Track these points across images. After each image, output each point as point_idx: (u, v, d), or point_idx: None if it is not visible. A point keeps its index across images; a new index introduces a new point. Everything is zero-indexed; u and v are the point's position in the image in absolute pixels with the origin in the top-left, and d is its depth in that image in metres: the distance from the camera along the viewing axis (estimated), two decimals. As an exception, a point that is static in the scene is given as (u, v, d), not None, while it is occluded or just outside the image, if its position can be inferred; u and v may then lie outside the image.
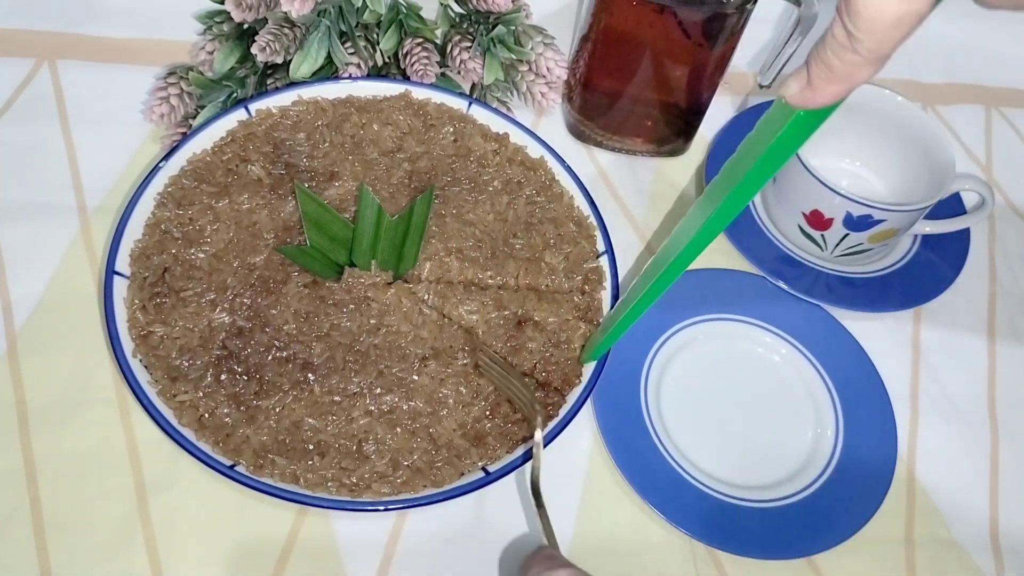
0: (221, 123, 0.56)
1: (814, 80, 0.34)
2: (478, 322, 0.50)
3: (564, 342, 0.51)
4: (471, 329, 0.51)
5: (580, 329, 0.51)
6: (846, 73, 0.32)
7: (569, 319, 0.52)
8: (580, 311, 0.52)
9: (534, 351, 0.50)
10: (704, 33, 0.55)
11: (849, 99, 0.64)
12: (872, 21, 0.29)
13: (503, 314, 0.51)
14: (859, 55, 0.31)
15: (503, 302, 0.52)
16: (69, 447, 0.48)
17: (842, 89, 0.33)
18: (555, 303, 0.52)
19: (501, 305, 0.51)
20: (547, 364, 0.50)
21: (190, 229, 0.52)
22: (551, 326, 0.51)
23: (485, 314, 0.51)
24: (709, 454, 0.52)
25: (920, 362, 0.58)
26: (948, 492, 0.53)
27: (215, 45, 0.60)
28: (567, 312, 0.52)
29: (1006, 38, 0.78)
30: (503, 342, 0.50)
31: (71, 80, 0.63)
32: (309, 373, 0.48)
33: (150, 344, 0.48)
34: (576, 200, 0.57)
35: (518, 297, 0.52)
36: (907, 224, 0.57)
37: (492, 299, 0.52)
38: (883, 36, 0.30)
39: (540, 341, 0.50)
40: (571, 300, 0.53)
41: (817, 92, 0.34)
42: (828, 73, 0.33)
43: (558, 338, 0.51)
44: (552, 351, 0.50)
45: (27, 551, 0.45)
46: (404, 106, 0.59)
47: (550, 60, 0.62)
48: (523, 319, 0.51)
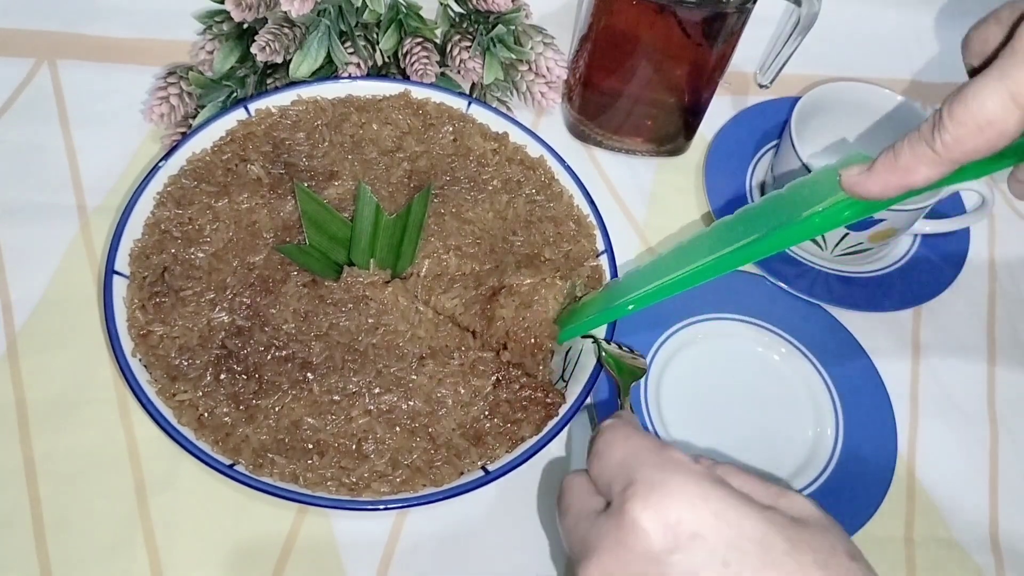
0: (221, 123, 0.56)
1: (876, 166, 0.35)
2: (456, 305, 0.50)
3: (537, 300, 0.50)
4: (452, 316, 0.50)
5: (556, 286, 0.50)
6: (909, 166, 0.34)
7: (545, 278, 0.51)
8: (559, 271, 0.52)
9: (506, 318, 0.49)
10: (704, 33, 0.55)
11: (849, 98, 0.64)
12: (968, 114, 0.32)
13: (480, 292, 0.51)
14: (932, 149, 0.33)
15: (482, 279, 0.51)
16: (69, 447, 0.48)
17: (895, 183, 0.35)
18: (533, 267, 0.52)
19: (479, 283, 0.51)
20: (519, 329, 0.49)
21: (190, 228, 0.52)
22: (525, 288, 0.50)
23: (464, 296, 0.51)
24: (709, 454, 0.51)
25: (920, 362, 0.58)
26: (948, 492, 0.53)
27: (215, 45, 0.60)
28: (545, 273, 0.51)
29: (1006, 38, 0.78)
30: (477, 318, 0.50)
31: (71, 80, 0.63)
32: (308, 372, 0.48)
33: (149, 343, 0.48)
34: (576, 199, 0.57)
35: (497, 272, 0.52)
36: (907, 224, 0.57)
37: (473, 280, 0.51)
38: (966, 134, 0.32)
39: (512, 306, 0.50)
40: (551, 263, 0.53)
41: (872, 179, 0.36)
42: (893, 162, 0.35)
43: (531, 298, 0.50)
44: (525, 313, 0.50)
45: (27, 551, 0.45)
46: (403, 106, 0.59)
47: (550, 60, 0.62)
48: (497, 289, 0.51)
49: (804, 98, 0.58)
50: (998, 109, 0.32)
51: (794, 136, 0.56)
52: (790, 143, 0.56)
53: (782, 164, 0.59)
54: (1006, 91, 0.32)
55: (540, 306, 0.50)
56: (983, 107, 0.32)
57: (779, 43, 0.64)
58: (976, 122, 0.32)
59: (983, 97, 0.32)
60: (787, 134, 0.57)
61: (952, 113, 0.32)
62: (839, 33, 0.74)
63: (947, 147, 0.33)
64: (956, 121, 0.32)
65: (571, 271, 0.53)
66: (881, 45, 0.76)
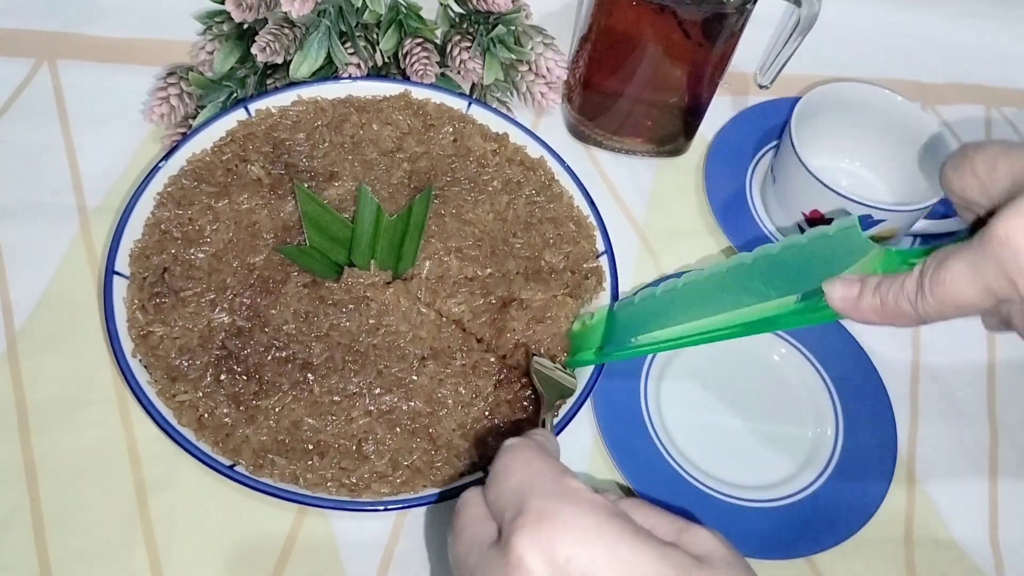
0: (221, 123, 0.56)
1: (863, 303, 0.37)
2: (464, 311, 0.50)
3: (549, 318, 0.50)
4: (458, 321, 0.50)
5: (568, 305, 0.51)
6: (893, 314, 0.37)
7: (556, 295, 0.51)
8: (568, 288, 0.52)
9: (517, 330, 0.50)
10: (704, 33, 0.55)
11: (849, 98, 0.64)
12: (947, 295, 0.34)
13: (488, 300, 0.51)
14: (915, 312, 0.36)
15: (489, 288, 0.51)
16: (69, 447, 0.48)
17: (877, 320, 0.37)
18: (542, 282, 0.52)
19: (488, 292, 0.51)
20: (530, 340, 0.49)
21: (190, 229, 0.52)
22: (537, 303, 0.51)
23: (472, 303, 0.51)
24: (709, 454, 0.52)
25: (920, 362, 0.58)
26: (948, 492, 0.53)
27: (215, 45, 0.60)
28: (555, 288, 0.51)
29: (1006, 38, 0.78)
30: (487, 327, 0.50)
31: (71, 80, 0.63)
32: (308, 373, 0.48)
33: (150, 344, 0.48)
34: (576, 200, 0.57)
35: (505, 281, 0.52)
36: (907, 224, 0.57)
37: (480, 287, 0.51)
38: (944, 311, 0.35)
39: (523, 320, 0.50)
40: (560, 279, 0.53)
41: (858, 311, 0.38)
42: (879, 306, 0.37)
43: (543, 314, 0.50)
44: (536, 328, 0.50)
45: (27, 551, 0.45)
46: (404, 106, 0.59)
47: (550, 60, 0.62)
48: (508, 300, 0.51)
49: (804, 98, 0.58)
50: (974, 297, 0.34)
51: (794, 136, 0.56)
52: (790, 143, 0.56)
53: (782, 164, 0.59)
54: (982, 283, 0.33)
55: (552, 322, 0.50)
56: (961, 293, 0.34)
57: (779, 43, 0.64)
58: (955, 303, 0.34)
59: (962, 286, 0.34)
60: (787, 134, 0.57)
61: (933, 292, 0.35)
62: (839, 33, 0.74)
63: (927, 314, 0.36)
64: (937, 299, 0.35)
65: (578, 287, 0.53)
66: (881, 45, 0.76)
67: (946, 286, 0.34)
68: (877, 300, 0.37)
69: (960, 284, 0.34)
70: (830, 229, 0.40)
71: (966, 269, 0.34)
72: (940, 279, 0.34)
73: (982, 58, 0.77)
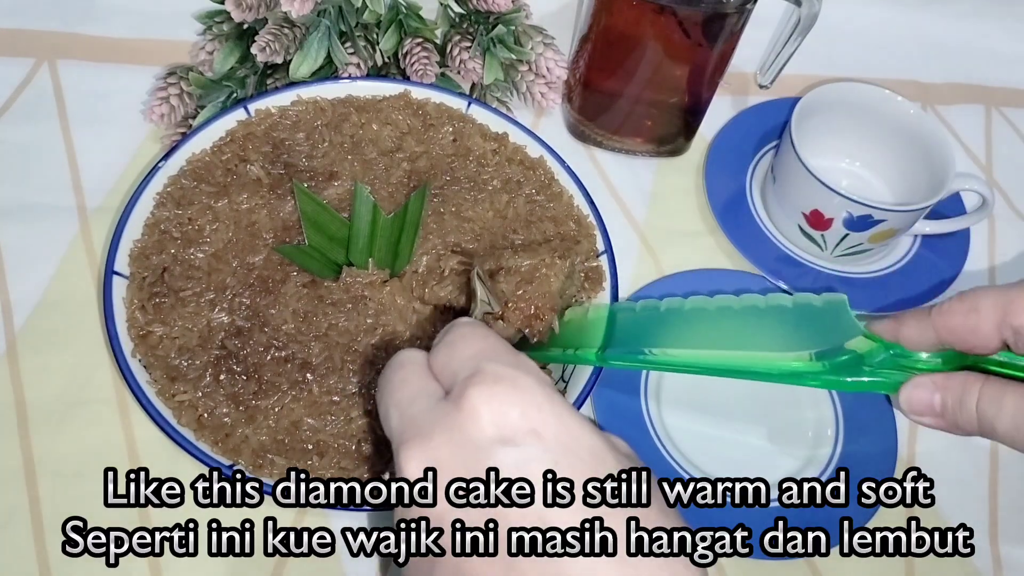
0: (221, 123, 0.56)
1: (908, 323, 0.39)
2: (450, 292, 0.50)
3: (539, 277, 0.49)
4: (449, 307, 0.50)
5: (556, 264, 0.49)
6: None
7: (544, 258, 0.50)
8: (555, 249, 0.51)
9: (506, 292, 0.48)
10: (704, 33, 0.55)
11: (849, 99, 0.64)
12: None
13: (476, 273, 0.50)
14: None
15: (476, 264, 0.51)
16: (69, 447, 0.48)
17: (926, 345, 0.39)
18: (531, 252, 0.51)
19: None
20: (519, 299, 0.48)
21: (189, 229, 0.52)
22: (525, 267, 0.49)
23: (458, 282, 0.50)
24: (709, 454, 0.51)
25: (920, 362, 0.58)
26: (948, 492, 0.53)
27: (215, 45, 0.60)
28: (543, 254, 0.50)
29: (1006, 38, 0.78)
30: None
31: (71, 80, 0.63)
32: (308, 373, 0.48)
33: (149, 344, 0.48)
34: (576, 199, 0.57)
35: (493, 256, 0.51)
36: (907, 224, 0.57)
37: (468, 264, 0.51)
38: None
39: (512, 283, 0.48)
40: (549, 247, 0.52)
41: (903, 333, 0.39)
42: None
43: (532, 275, 0.49)
44: (526, 288, 0.48)
45: (27, 551, 0.45)
46: (403, 106, 0.59)
47: (550, 60, 0.62)
48: (495, 270, 0.50)
49: (804, 98, 0.58)
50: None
51: (794, 136, 0.56)
52: (790, 143, 0.56)
53: (782, 164, 0.59)
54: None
55: (542, 281, 0.49)
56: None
57: (779, 43, 0.64)
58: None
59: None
60: (787, 134, 0.57)
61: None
62: (839, 33, 0.74)
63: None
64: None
65: (568, 250, 0.52)
66: (881, 45, 0.76)
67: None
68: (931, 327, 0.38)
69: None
70: (817, 300, 0.40)
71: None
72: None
73: (982, 58, 0.77)
